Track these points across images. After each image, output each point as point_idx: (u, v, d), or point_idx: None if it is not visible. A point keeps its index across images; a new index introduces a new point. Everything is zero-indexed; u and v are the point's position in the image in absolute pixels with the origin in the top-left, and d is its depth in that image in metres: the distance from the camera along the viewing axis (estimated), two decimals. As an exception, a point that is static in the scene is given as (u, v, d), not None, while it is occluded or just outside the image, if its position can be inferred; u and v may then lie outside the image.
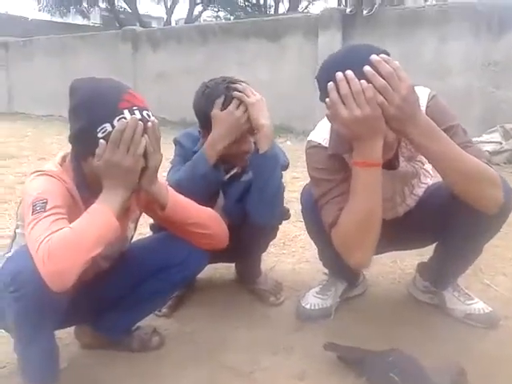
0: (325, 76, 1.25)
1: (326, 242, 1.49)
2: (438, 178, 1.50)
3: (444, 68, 4.84)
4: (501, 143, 4.27)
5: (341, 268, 1.81)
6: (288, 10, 16.60)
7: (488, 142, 4.30)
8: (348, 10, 5.74)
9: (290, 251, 2.47)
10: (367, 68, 1.18)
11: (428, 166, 1.67)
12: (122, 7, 18.17)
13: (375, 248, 1.42)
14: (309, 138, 1.57)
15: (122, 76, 6.92)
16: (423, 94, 1.43)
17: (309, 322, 1.81)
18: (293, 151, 4.38)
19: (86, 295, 1.41)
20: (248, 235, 1.75)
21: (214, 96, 1.66)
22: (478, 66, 4.69)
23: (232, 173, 1.80)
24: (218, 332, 1.76)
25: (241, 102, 1.64)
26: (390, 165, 1.51)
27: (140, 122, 1.28)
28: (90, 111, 1.29)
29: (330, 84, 1.21)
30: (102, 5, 18.06)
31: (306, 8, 18.38)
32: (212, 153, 1.67)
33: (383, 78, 1.18)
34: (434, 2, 6.50)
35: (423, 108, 1.36)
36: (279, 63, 5.81)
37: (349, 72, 1.19)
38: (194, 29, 7.18)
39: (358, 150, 1.29)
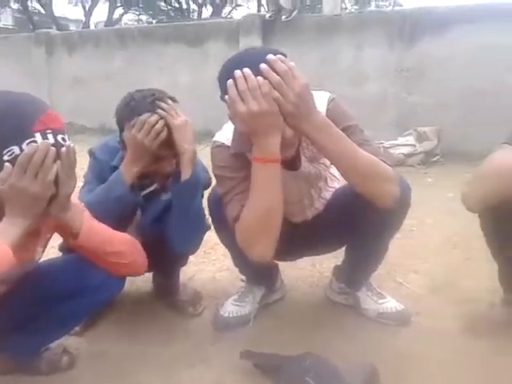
0: (225, 75, 1.29)
1: (233, 241, 1.49)
2: (345, 182, 1.54)
3: (360, 74, 5.01)
4: (415, 146, 4.48)
5: (253, 271, 1.84)
6: (211, 14, 16.62)
7: (403, 145, 4.50)
8: (268, 15, 5.82)
9: (211, 260, 2.44)
10: (263, 65, 1.23)
11: (334, 171, 1.71)
12: (36, 9, 17.32)
13: (276, 244, 1.44)
14: (214, 139, 1.59)
15: (36, 81, 6.61)
16: (323, 97, 1.49)
17: (227, 330, 1.80)
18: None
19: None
20: (167, 257, 1.68)
21: (139, 111, 1.56)
22: (391, 73, 4.90)
23: (151, 189, 1.73)
24: (133, 349, 1.70)
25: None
26: (292, 165, 1.54)
27: (53, 147, 1.19)
28: None
29: (229, 81, 1.25)
30: (14, 6, 17.11)
31: (229, 13, 18.49)
32: (127, 174, 1.60)
33: (278, 76, 1.23)
34: (353, 10, 6.73)
35: (323, 111, 1.42)
36: (200, 68, 5.78)
37: (246, 69, 1.24)
38: (113, 32, 6.98)
39: (256, 146, 1.32)
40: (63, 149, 1.21)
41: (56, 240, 1.73)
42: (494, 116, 4.13)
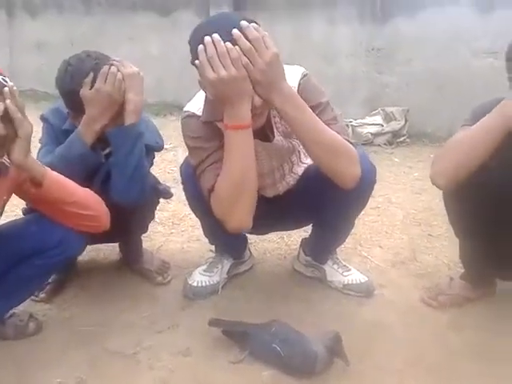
0: (195, 39, 1.29)
1: (205, 212, 1.50)
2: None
3: (332, 51, 5.00)
4: (382, 125, 4.52)
5: (224, 241, 1.86)
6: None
7: (370, 124, 4.53)
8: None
9: (179, 230, 2.43)
10: (235, 30, 1.24)
11: None
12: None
13: (253, 215, 1.45)
14: (184, 109, 1.57)
15: (-3, 45, 6.34)
16: (296, 72, 1.49)
17: (195, 299, 1.81)
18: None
19: None
20: (119, 214, 1.62)
21: (81, 74, 1.52)
22: (363, 51, 4.90)
23: (107, 151, 1.68)
24: (100, 315, 1.70)
25: (107, 75, 1.52)
26: (264, 136, 1.55)
27: None
28: None
29: (200, 47, 1.25)
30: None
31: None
32: (89, 133, 1.56)
33: (250, 43, 1.24)
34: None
35: (295, 85, 1.43)
36: (171, 38, 5.64)
37: (215, 35, 1.23)
38: (77, -3, 6.72)
39: (227, 113, 1.33)
40: (6, 89, 1.19)
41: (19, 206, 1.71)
42: (460, 98, 4.21)
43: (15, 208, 1.91)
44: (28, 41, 6.61)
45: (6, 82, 1.21)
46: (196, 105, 1.54)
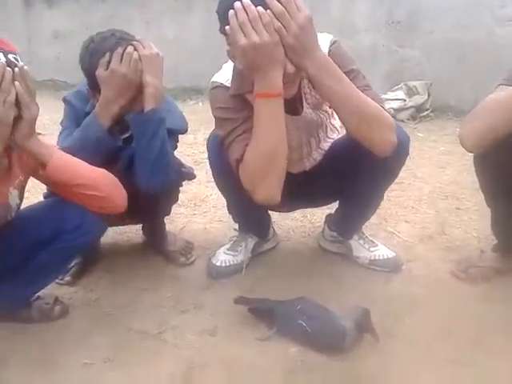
0: (224, 6, 1.25)
1: (231, 186, 1.47)
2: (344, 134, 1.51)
3: (351, 26, 4.90)
4: (405, 100, 4.42)
5: (248, 218, 1.84)
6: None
7: (393, 100, 4.44)
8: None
9: (202, 212, 2.41)
10: None
11: (336, 122, 1.68)
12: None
13: (282, 187, 1.42)
14: (212, 80, 1.53)
15: (14, 34, 6.36)
16: (325, 39, 1.44)
17: (220, 278, 1.80)
18: (205, 112, 4.28)
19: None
20: (144, 199, 1.62)
21: (100, 53, 1.49)
22: (382, 25, 4.80)
23: (126, 135, 1.65)
24: (125, 296, 1.70)
25: (122, 55, 1.47)
26: (293, 109, 1.51)
27: (8, 68, 1.15)
28: None
29: (231, 11, 1.21)
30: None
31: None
32: (105, 115, 1.52)
33: (281, 5, 1.20)
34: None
35: (325, 52, 1.37)
36: (186, 21, 5.60)
37: (246, 0, 1.20)
38: (94, -16, 6.71)
39: (258, 82, 1.29)
40: (16, 69, 1.18)
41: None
42: (484, 69, 4.09)
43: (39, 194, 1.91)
44: (46, 30, 6.65)
45: (18, 61, 1.19)
46: (224, 76, 1.50)
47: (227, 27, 1.23)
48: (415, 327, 1.51)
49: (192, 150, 3.21)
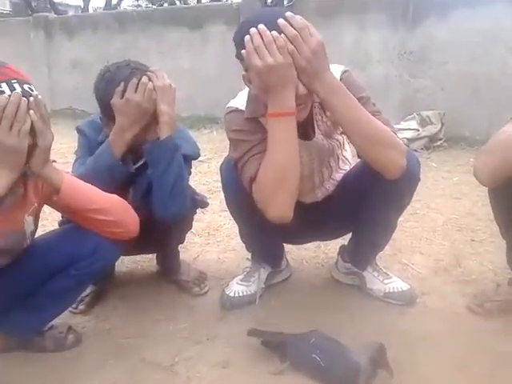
0: (240, 33, 1.30)
1: (245, 213, 1.49)
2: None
3: (363, 57, 4.96)
4: (418, 130, 4.44)
5: (261, 247, 1.85)
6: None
7: (406, 129, 4.45)
8: (269, 0, 5.78)
9: (215, 241, 2.42)
10: (280, 20, 1.25)
11: (347, 153, 1.71)
12: (33, -6, 17.06)
13: (291, 224, 1.44)
14: (227, 105, 1.58)
15: (35, 65, 6.53)
16: (337, 68, 1.48)
17: (233, 309, 1.79)
18: (219, 141, 4.35)
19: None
20: (159, 227, 1.64)
21: (115, 82, 1.52)
22: (395, 56, 4.85)
23: (140, 163, 1.67)
24: (138, 326, 1.70)
25: (137, 85, 1.51)
26: (306, 134, 1.54)
27: (23, 97, 1.18)
28: None
29: (247, 36, 1.27)
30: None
31: (229, -3, 18.25)
32: (119, 143, 1.56)
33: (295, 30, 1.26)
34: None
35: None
36: (202, 52, 5.72)
37: (261, 25, 1.25)
38: (112, 16, 6.87)
39: (271, 102, 1.33)
40: (31, 98, 1.21)
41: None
42: (498, 99, 4.10)
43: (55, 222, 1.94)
44: (65, 60, 6.82)
45: (32, 90, 1.22)
46: (239, 101, 1.56)
47: (243, 51, 1.28)
48: (430, 362, 1.48)
49: (206, 178, 3.25)
